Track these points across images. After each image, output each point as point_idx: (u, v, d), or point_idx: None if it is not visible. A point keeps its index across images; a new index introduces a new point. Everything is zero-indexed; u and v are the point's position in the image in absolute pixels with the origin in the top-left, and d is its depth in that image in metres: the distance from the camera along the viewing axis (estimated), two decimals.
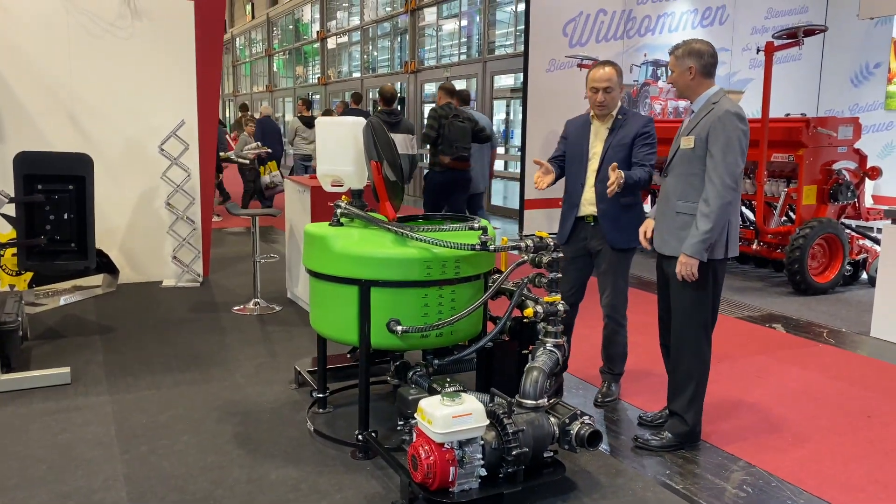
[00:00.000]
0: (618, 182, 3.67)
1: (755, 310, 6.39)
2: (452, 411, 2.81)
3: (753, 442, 3.72)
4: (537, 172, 4.02)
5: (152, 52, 6.82)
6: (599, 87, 3.90)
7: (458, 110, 7.38)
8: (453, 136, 7.11)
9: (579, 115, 4.18)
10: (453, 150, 7.10)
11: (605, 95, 3.90)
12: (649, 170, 3.89)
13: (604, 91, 3.89)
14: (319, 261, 3.44)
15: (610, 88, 3.89)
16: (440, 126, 7.14)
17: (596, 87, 3.91)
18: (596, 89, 3.92)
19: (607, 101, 3.92)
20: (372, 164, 3.58)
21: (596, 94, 3.92)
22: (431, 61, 16.45)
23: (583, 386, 4.48)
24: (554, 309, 3.30)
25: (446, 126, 7.13)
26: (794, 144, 7.08)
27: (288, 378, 4.47)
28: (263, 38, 30.88)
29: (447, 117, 7.19)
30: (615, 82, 3.90)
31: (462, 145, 7.16)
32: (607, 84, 3.88)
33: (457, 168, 7.23)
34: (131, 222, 6.98)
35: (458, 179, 7.32)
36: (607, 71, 3.90)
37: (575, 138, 4.12)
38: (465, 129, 7.18)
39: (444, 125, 7.13)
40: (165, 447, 3.53)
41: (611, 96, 3.91)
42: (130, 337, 5.29)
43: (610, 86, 3.88)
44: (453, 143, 7.10)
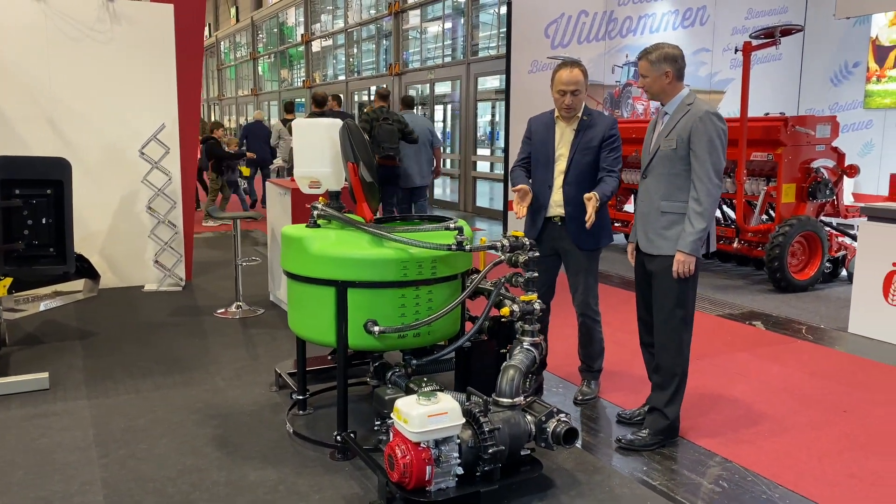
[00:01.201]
0: (594, 208, 3.72)
1: (736, 307, 6.44)
2: (428, 410, 2.82)
3: (731, 437, 3.75)
4: (516, 200, 3.96)
5: (132, 55, 6.80)
6: (567, 89, 3.88)
7: (388, 113, 8.20)
8: (382, 137, 7.98)
9: (543, 114, 4.15)
10: (381, 149, 7.93)
11: (572, 98, 3.89)
12: (618, 175, 3.93)
13: (571, 94, 3.88)
14: (296, 262, 3.44)
15: (577, 91, 3.89)
16: (371, 128, 7.96)
17: (563, 89, 3.89)
18: (563, 92, 3.89)
19: (574, 104, 3.92)
20: (348, 166, 3.59)
21: (563, 97, 3.90)
22: (416, 63, 16.47)
23: (563, 384, 4.50)
24: (530, 308, 3.32)
25: (376, 128, 7.98)
26: (773, 143, 7.15)
27: (269, 381, 4.47)
28: (248, 41, 30.81)
29: (377, 120, 8.04)
30: (582, 84, 3.90)
31: (389, 145, 8.00)
32: (575, 87, 3.87)
33: (385, 165, 7.94)
34: (112, 227, 6.95)
35: (387, 175, 8.11)
36: (575, 73, 3.87)
37: (540, 139, 4.10)
38: (392, 131, 8.03)
39: (374, 127, 7.97)
40: (144, 451, 3.52)
41: (578, 99, 3.91)
42: (111, 341, 5.27)
43: (577, 88, 3.88)
44: (381, 143, 7.96)
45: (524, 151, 4.21)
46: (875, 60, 10.42)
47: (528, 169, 4.17)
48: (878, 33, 10.34)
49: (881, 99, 10.39)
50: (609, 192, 3.86)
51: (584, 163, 3.94)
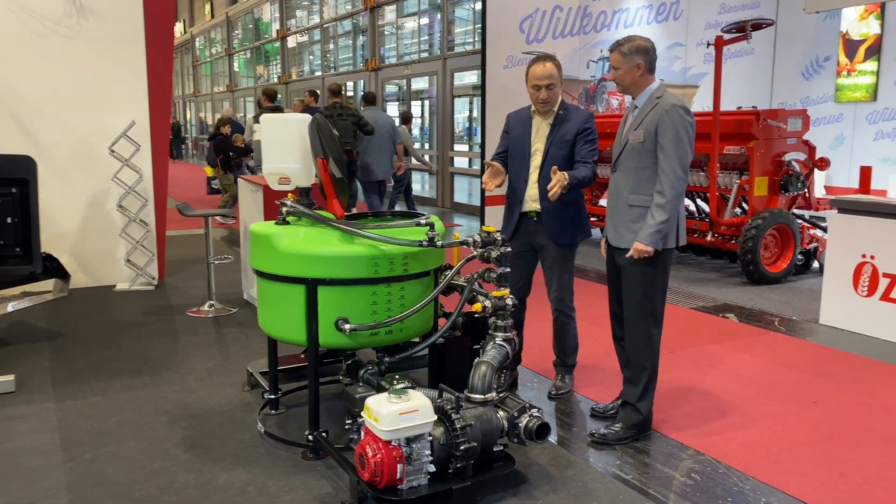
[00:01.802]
0: (560, 184, 3.69)
1: (709, 300, 6.48)
2: (399, 408, 2.79)
3: (703, 430, 3.77)
4: (486, 173, 3.98)
5: (100, 51, 6.68)
6: (541, 84, 3.87)
7: (342, 108, 8.63)
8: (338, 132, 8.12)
9: (521, 109, 4.15)
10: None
11: (547, 92, 3.88)
12: (592, 167, 3.91)
13: (546, 88, 3.87)
14: (265, 260, 3.40)
15: (552, 85, 3.88)
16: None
17: (538, 84, 3.89)
18: (538, 87, 3.89)
19: (550, 98, 3.91)
20: (318, 162, 3.55)
21: (538, 92, 3.90)
22: (392, 59, 16.40)
23: (537, 379, 4.49)
24: (503, 303, 3.30)
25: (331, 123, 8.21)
26: (746, 137, 7.20)
27: (241, 380, 4.41)
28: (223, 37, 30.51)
29: (332, 116, 8.42)
30: (556, 78, 3.89)
31: (345, 139, 8.31)
32: (549, 81, 3.87)
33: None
34: (82, 226, 6.84)
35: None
36: (548, 67, 3.87)
37: (516, 134, 4.10)
38: (347, 126, 8.50)
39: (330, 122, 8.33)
40: (110, 454, 3.45)
41: (553, 93, 3.90)
42: (80, 342, 5.18)
43: (552, 82, 3.88)
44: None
45: (501, 146, 4.20)
46: (845, 54, 10.54)
47: (506, 163, 4.15)
48: (849, 28, 10.45)
49: (851, 93, 10.50)
50: (580, 177, 3.82)
51: (560, 157, 3.93)
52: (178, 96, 37.64)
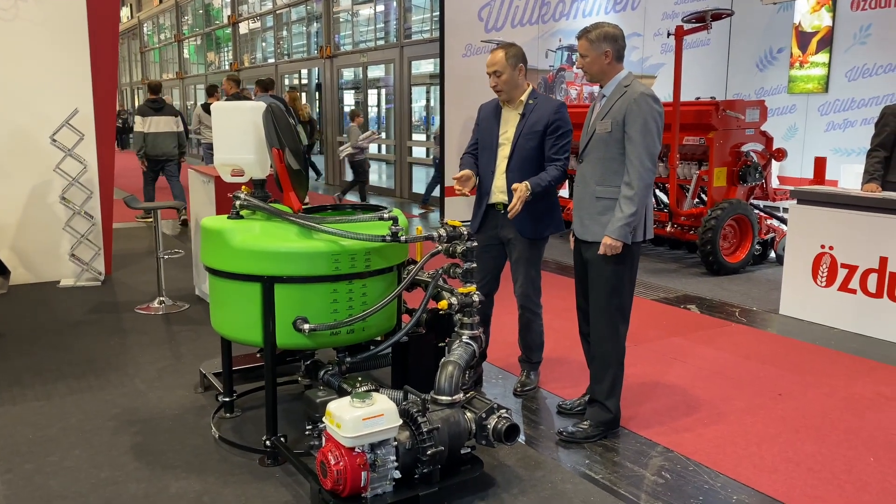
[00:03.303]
0: (522, 200, 3.66)
1: (670, 291, 6.48)
2: (363, 413, 2.66)
3: (671, 426, 3.72)
4: (456, 183, 3.86)
5: (40, 35, 6.33)
6: (489, 71, 3.87)
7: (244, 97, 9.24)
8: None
9: (492, 100, 4.07)
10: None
11: (496, 79, 3.85)
12: (563, 164, 3.82)
13: (493, 75, 3.85)
14: (217, 257, 3.21)
15: (499, 72, 3.82)
16: None
17: (487, 71, 3.89)
18: (489, 74, 3.88)
19: (500, 85, 3.86)
20: (273, 152, 3.37)
21: (490, 79, 3.89)
22: (348, 46, 16.10)
23: (502, 375, 4.40)
24: (469, 300, 3.18)
25: None
26: (705, 127, 7.21)
27: (193, 382, 4.21)
28: (172, 23, 29.64)
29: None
30: (503, 65, 3.81)
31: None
32: (495, 68, 3.83)
33: None
34: (23, 219, 6.49)
35: None
36: (496, 55, 3.85)
37: (486, 125, 4.01)
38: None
39: None
40: (53, 464, 3.24)
41: (502, 80, 3.83)
42: (20, 343, 4.90)
43: (498, 69, 3.82)
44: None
45: (473, 138, 4.12)
46: (798, 46, 10.68)
47: (476, 156, 4.05)
48: (801, 20, 10.59)
49: (804, 84, 10.66)
50: (546, 181, 3.76)
51: (529, 148, 3.83)
52: (125, 83, 36.53)
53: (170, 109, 9.95)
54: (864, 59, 9.92)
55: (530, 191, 3.68)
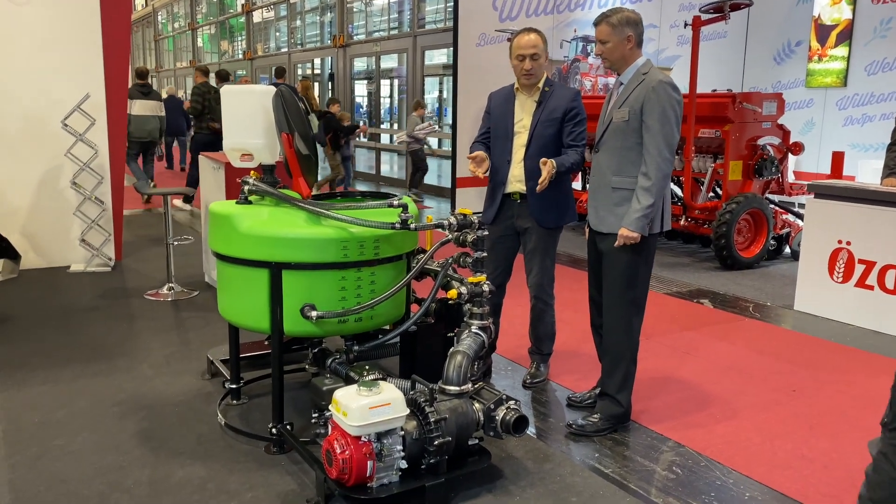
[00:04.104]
0: (549, 175, 3.55)
1: (683, 285, 6.40)
2: (369, 402, 2.61)
3: (682, 420, 3.66)
4: (471, 163, 3.76)
5: (52, 18, 6.31)
6: (525, 53, 3.72)
7: (215, 87, 9.87)
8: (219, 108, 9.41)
9: (502, 88, 3.99)
10: (217, 118, 9.42)
11: (531, 63, 3.72)
12: (581, 150, 3.75)
13: (530, 58, 3.71)
14: (225, 242, 3.18)
15: (536, 55, 3.71)
16: (204, 100, 9.73)
17: (522, 54, 3.73)
18: (522, 56, 3.73)
19: (534, 69, 3.74)
20: (283, 137, 3.32)
21: (522, 62, 3.74)
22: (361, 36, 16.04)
23: (511, 367, 4.35)
24: (479, 290, 3.13)
25: (210, 100, 9.65)
26: (721, 120, 7.11)
27: (200, 368, 4.19)
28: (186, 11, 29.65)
29: (209, 93, 9.76)
30: (541, 49, 3.73)
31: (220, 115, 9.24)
32: (533, 51, 3.71)
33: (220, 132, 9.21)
34: (34, 204, 6.49)
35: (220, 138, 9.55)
36: (532, 37, 3.72)
37: (499, 113, 3.93)
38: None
39: (208, 99, 9.71)
40: (59, 448, 3.22)
41: (538, 63, 3.73)
42: (29, 327, 4.90)
43: (536, 52, 3.71)
44: (215, 113, 9.53)
45: (483, 126, 4.03)
46: (817, 39, 10.52)
47: (488, 145, 3.98)
48: (821, 12, 10.42)
49: (822, 78, 10.50)
50: (569, 163, 3.69)
51: (547, 136, 3.76)
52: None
53: (155, 95, 10.56)
54: (884, 53, 9.75)
55: (556, 168, 3.61)
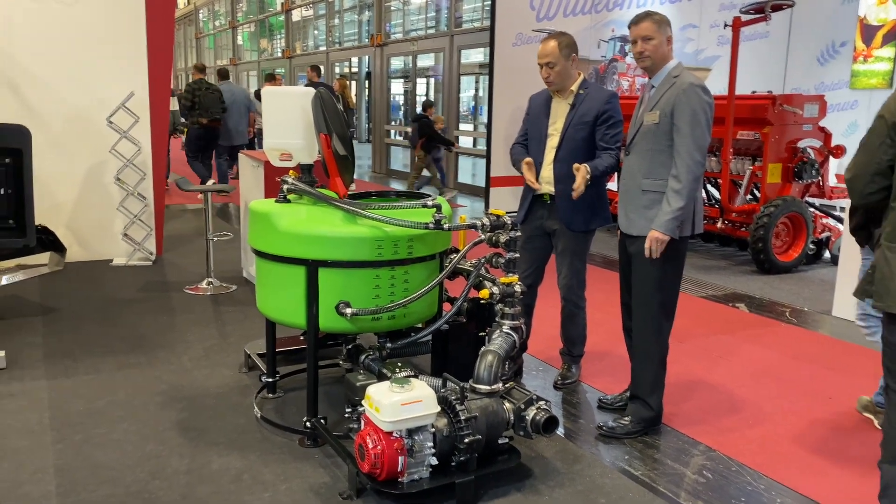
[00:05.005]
0: (584, 181, 3.58)
1: (719, 289, 6.34)
2: (401, 398, 2.67)
3: (714, 425, 3.65)
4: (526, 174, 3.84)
5: (99, 18, 6.49)
6: (541, 62, 3.79)
7: (208, 84, 10.38)
8: (207, 103, 10.12)
9: (542, 90, 4.01)
10: (209, 113, 10.17)
11: (548, 70, 3.77)
12: (615, 153, 3.76)
13: (546, 66, 3.77)
14: (264, 240, 3.26)
15: (552, 63, 3.74)
16: (194, 97, 10.14)
17: (539, 62, 3.80)
18: (540, 65, 3.80)
19: (552, 77, 3.78)
20: (321, 138, 3.39)
21: (541, 71, 3.81)
22: (398, 35, 16.13)
23: (543, 367, 4.37)
24: (511, 290, 3.16)
25: (200, 97, 10.08)
26: (760, 122, 7.02)
27: (238, 361, 4.29)
28: (227, 10, 30.10)
29: (200, 90, 10.13)
30: (556, 56, 3.73)
31: (214, 110, 10.23)
32: (547, 59, 3.75)
33: (210, 126, 10.32)
34: (79, 198, 6.69)
35: (212, 133, 10.48)
36: (549, 46, 3.76)
37: (535, 115, 3.97)
38: (215, 99, 10.29)
39: (198, 96, 10.10)
40: (101, 436, 3.34)
41: (555, 71, 3.76)
42: (74, 318, 5.06)
43: (551, 60, 3.74)
44: (208, 109, 10.15)
45: (522, 129, 4.09)
46: (862, 40, 10.28)
47: (526, 146, 4.04)
48: (867, 12, 10.19)
49: (867, 79, 10.26)
50: (602, 167, 3.71)
51: (578, 139, 3.78)
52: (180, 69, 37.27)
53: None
54: None
55: (589, 174, 3.63)
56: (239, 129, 11.10)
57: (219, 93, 10.42)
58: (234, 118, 10.92)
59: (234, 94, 11.00)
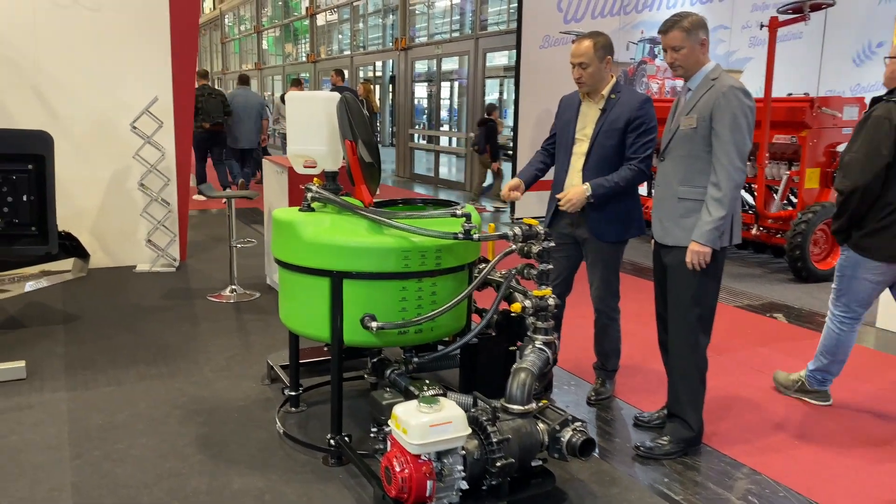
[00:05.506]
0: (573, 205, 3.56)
1: (755, 298, 6.13)
2: (430, 420, 2.53)
3: (757, 444, 3.46)
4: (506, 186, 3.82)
5: (123, 23, 6.45)
6: (574, 62, 3.63)
7: (210, 90, 10.76)
8: (210, 108, 10.46)
9: (574, 92, 3.86)
10: (211, 118, 10.48)
11: (580, 71, 3.61)
12: (639, 164, 3.58)
13: (579, 66, 3.61)
14: (288, 249, 3.14)
15: (585, 64, 3.58)
16: (197, 102, 9.82)
17: (572, 62, 3.64)
18: (573, 64, 3.64)
19: (584, 78, 3.62)
20: (346, 144, 3.27)
21: (573, 70, 3.65)
22: (423, 38, 16.04)
23: (574, 381, 4.21)
24: (544, 303, 3.01)
25: (203, 102, 10.28)
26: (798, 125, 6.79)
27: (261, 372, 4.19)
28: (252, 14, 30.26)
29: (203, 95, 10.33)
30: (590, 56, 3.57)
31: (216, 114, 10.55)
32: (581, 59, 3.59)
33: (213, 130, 10.62)
34: (103, 204, 6.65)
35: (215, 137, 10.77)
36: (583, 45, 3.60)
37: (564, 118, 3.82)
38: (218, 104, 10.64)
39: (200, 101, 10.12)
40: (121, 451, 3.24)
41: (587, 72, 3.60)
42: (96, 326, 4.99)
43: (584, 61, 3.58)
44: (211, 114, 10.47)
45: (551, 131, 3.95)
46: None
47: (551, 152, 3.91)
48: None
49: None
50: (612, 184, 3.55)
51: (608, 146, 3.62)
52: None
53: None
54: None
55: (590, 193, 3.52)
56: (249, 133, 11.26)
57: (221, 97, 10.77)
58: (246, 123, 11.13)
59: (247, 100, 11.23)
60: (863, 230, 3.63)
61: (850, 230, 3.68)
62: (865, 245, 3.64)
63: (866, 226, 3.61)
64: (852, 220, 3.64)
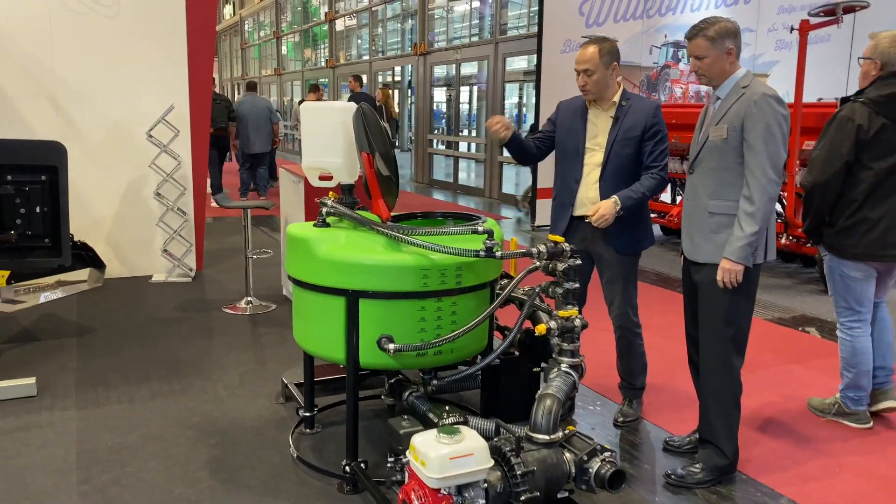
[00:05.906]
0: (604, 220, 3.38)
1: (786, 311, 5.92)
2: (450, 451, 2.38)
3: (795, 472, 3.28)
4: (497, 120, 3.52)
5: (140, 31, 6.38)
6: (579, 69, 3.47)
7: (216, 95, 10.56)
8: (214, 114, 10.19)
9: (575, 98, 3.67)
10: (215, 123, 10.33)
11: (585, 78, 3.45)
12: (659, 172, 3.45)
13: (584, 74, 3.45)
14: (302, 267, 3.01)
15: (590, 71, 3.42)
16: None
17: (576, 69, 3.49)
18: (577, 72, 3.49)
19: (589, 85, 3.46)
20: (363, 157, 3.14)
21: (577, 77, 3.50)
22: (442, 43, 15.93)
23: (600, 401, 4.04)
24: (570, 325, 2.85)
25: None
26: None
27: (275, 390, 4.07)
28: (272, 20, 30.36)
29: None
30: (596, 63, 3.41)
31: (220, 120, 10.70)
32: (585, 66, 3.43)
33: (217, 135, 10.62)
34: (118, 213, 6.59)
35: (220, 142, 10.86)
36: (588, 51, 3.44)
37: (568, 127, 3.62)
38: (222, 109, 10.84)
39: None
40: (130, 475, 3.13)
41: (592, 80, 3.44)
42: (109, 340, 4.90)
43: (589, 67, 3.42)
44: (214, 119, 10.18)
45: (544, 129, 3.77)
46: None
47: (540, 147, 3.73)
48: None
49: None
50: (640, 194, 3.42)
51: (625, 155, 3.46)
52: (225, 79, 37.76)
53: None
54: None
55: (620, 206, 3.37)
56: (258, 138, 11.53)
57: (226, 103, 11.20)
58: (255, 128, 11.44)
59: (254, 105, 11.54)
60: (834, 228, 3.64)
61: (819, 229, 3.71)
62: (837, 244, 3.66)
63: (836, 223, 3.63)
64: (817, 218, 3.66)
